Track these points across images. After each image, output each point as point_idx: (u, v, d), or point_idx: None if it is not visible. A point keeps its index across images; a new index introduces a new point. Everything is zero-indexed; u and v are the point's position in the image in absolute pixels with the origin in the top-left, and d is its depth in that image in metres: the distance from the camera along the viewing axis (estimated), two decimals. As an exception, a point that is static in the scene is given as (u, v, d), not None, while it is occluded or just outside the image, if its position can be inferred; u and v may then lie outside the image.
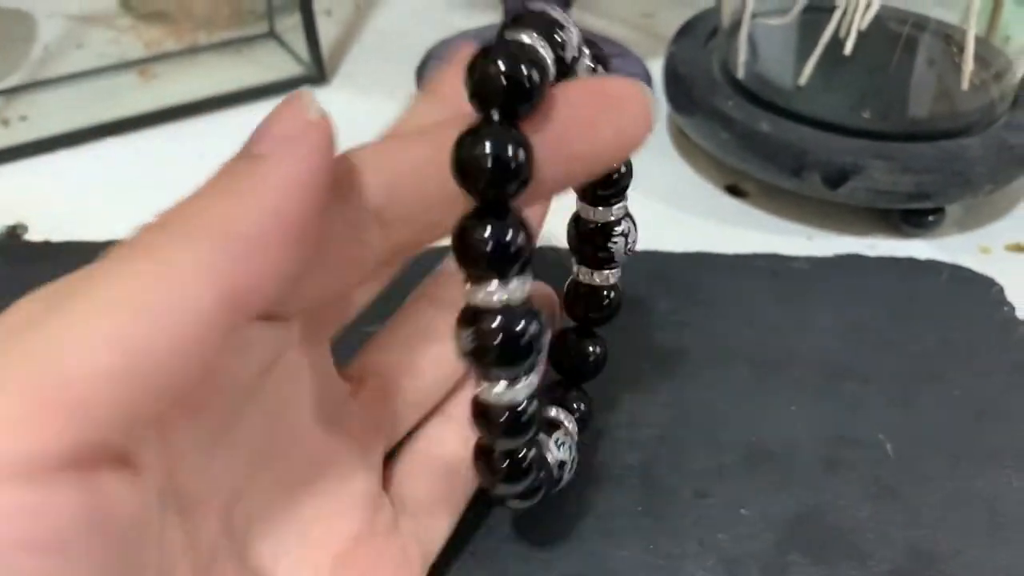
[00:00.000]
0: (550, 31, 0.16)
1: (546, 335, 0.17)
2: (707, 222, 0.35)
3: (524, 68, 0.15)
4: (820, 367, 0.28)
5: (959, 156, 0.32)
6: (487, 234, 0.16)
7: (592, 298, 0.22)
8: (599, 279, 0.22)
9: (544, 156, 0.16)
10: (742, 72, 0.36)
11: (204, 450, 0.16)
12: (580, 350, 0.23)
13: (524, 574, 0.22)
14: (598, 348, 0.23)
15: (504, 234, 0.16)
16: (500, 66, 0.15)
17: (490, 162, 0.15)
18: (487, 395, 0.17)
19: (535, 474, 0.19)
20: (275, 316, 0.17)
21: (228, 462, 0.17)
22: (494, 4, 0.41)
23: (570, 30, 0.17)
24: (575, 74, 0.17)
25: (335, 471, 0.19)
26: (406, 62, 0.43)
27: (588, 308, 0.22)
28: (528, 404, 0.18)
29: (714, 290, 0.30)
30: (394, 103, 0.19)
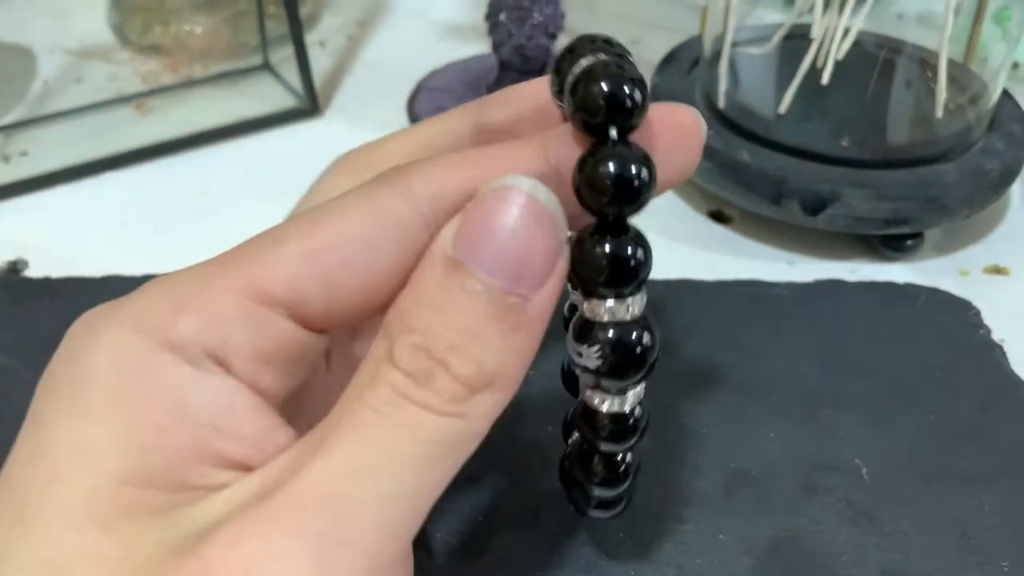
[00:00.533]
0: (620, 53, 0.17)
1: (657, 347, 0.17)
2: (691, 248, 0.35)
3: (629, 87, 0.16)
4: (799, 393, 0.28)
5: (935, 182, 0.33)
6: (608, 250, 0.16)
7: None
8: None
9: None
10: (723, 102, 0.36)
11: None
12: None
13: (507, 601, 0.22)
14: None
15: (624, 250, 0.16)
16: (605, 86, 0.15)
17: (616, 180, 0.15)
18: (595, 402, 0.18)
19: (630, 480, 0.20)
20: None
21: None
22: (483, 35, 0.42)
23: (629, 54, 0.17)
24: None
25: None
26: (398, 93, 0.44)
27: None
28: (634, 412, 0.18)
29: (696, 316, 0.31)
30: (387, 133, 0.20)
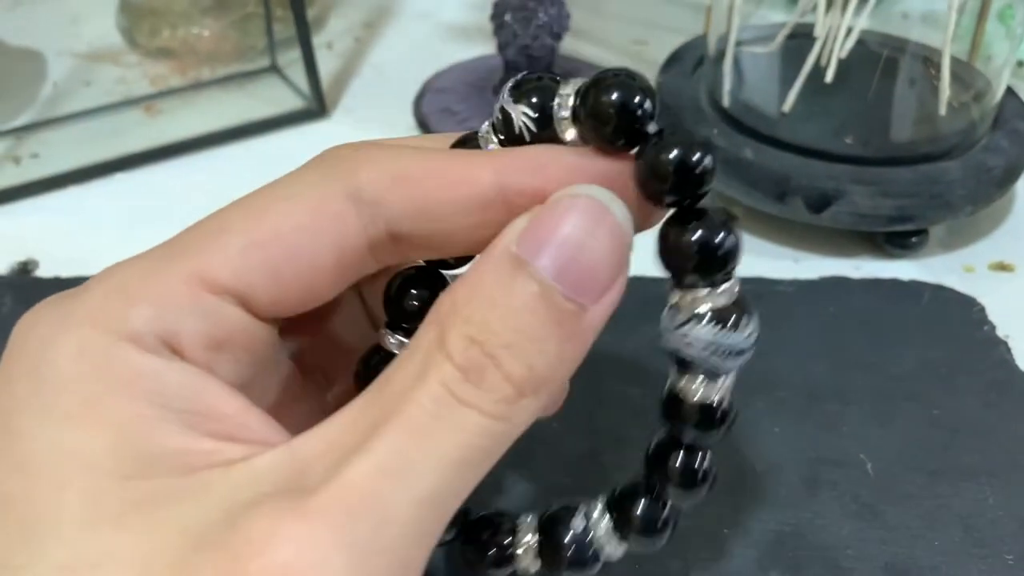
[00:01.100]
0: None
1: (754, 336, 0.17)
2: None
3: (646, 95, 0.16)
4: (803, 388, 0.28)
5: (939, 179, 0.33)
6: (695, 237, 0.16)
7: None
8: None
9: None
10: (727, 100, 0.37)
11: None
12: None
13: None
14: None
15: (712, 235, 0.16)
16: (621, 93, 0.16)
17: (678, 164, 0.15)
18: (683, 389, 0.18)
19: (709, 483, 0.19)
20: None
21: None
22: (488, 36, 0.42)
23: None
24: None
25: None
26: (404, 94, 0.44)
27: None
28: (721, 402, 0.18)
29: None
30: (394, 134, 0.20)
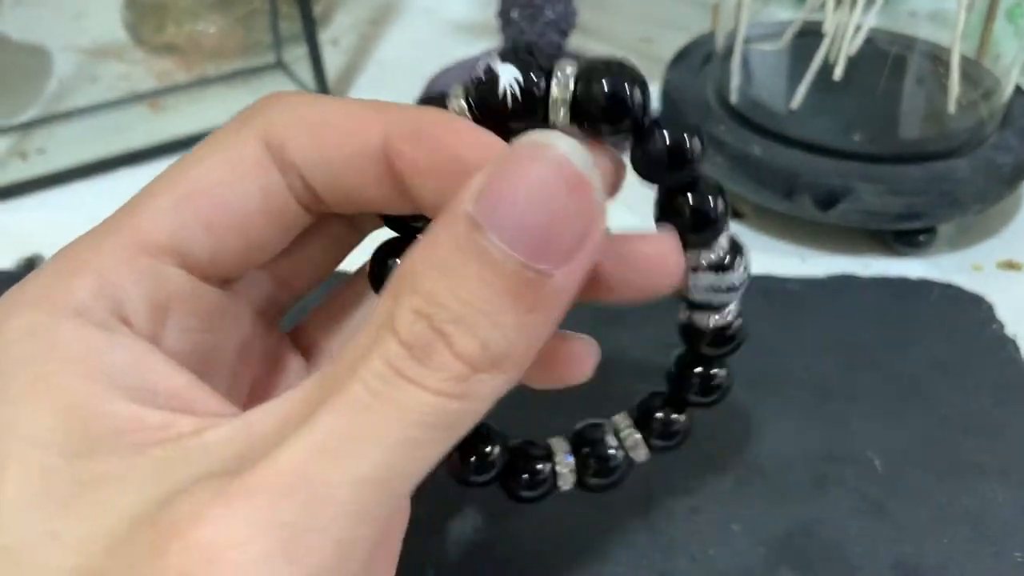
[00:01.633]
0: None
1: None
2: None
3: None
4: (812, 386, 0.28)
5: (947, 177, 0.33)
6: (691, 204, 0.18)
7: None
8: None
9: None
10: (735, 97, 0.36)
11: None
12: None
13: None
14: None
15: (704, 202, 0.18)
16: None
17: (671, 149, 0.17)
18: (695, 320, 0.20)
19: (722, 394, 0.21)
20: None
21: None
22: (494, 33, 0.42)
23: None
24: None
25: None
26: (410, 90, 0.44)
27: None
28: (730, 325, 0.20)
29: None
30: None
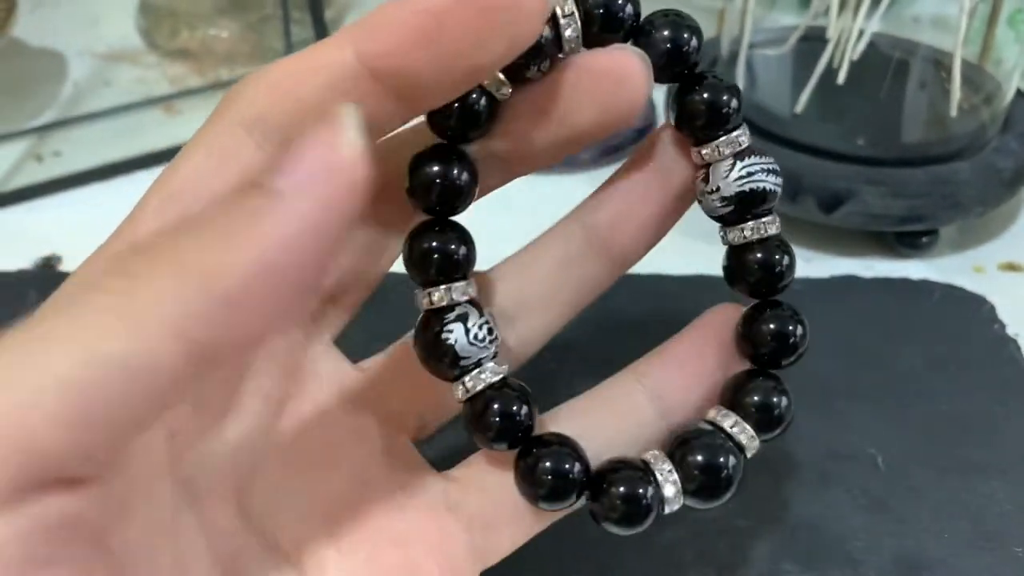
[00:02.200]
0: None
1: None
2: (708, 245, 0.35)
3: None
4: (815, 385, 0.29)
5: (949, 180, 0.33)
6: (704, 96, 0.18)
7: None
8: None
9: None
10: (740, 101, 0.37)
11: (205, 441, 0.17)
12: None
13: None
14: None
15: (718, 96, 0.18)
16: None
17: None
18: (734, 238, 0.21)
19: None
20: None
21: (231, 450, 0.18)
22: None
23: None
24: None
25: (349, 456, 0.19)
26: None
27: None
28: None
29: (713, 312, 0.31)
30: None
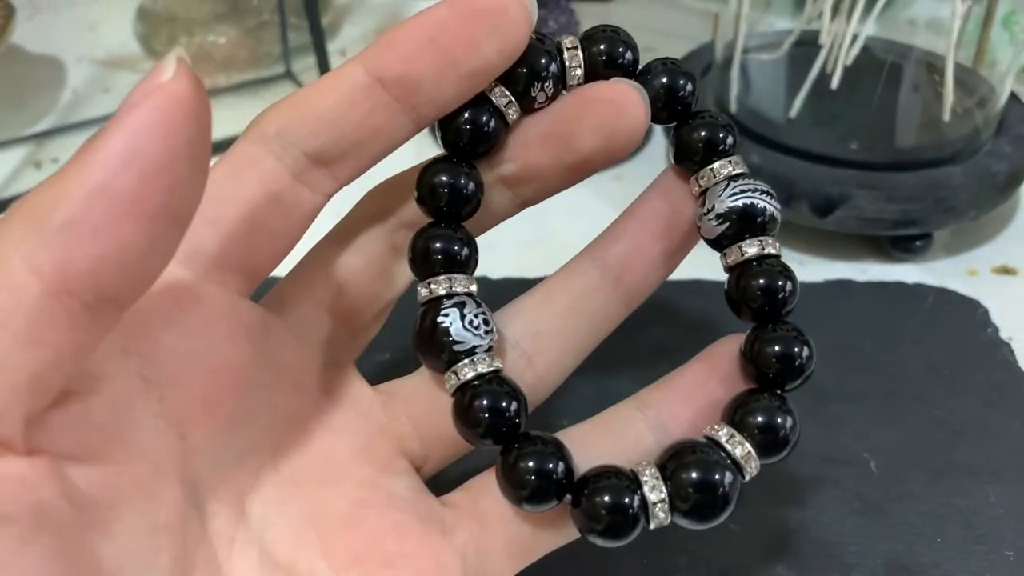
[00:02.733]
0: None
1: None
2: (703, 249, 0.36)
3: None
4: (809, 388, 0.29)
5: (942, 184, 0.33)
6: (702, 134, 0.21)
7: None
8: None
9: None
10: (735, 106, 0.37)
11: (214, 447, 0.18)
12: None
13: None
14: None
15: (714, 130, 0.21)
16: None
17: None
18: (732, 254, 0.22)
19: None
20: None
21: (237, 457, 0.18)
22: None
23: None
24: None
25: (351, 475, 0.20)
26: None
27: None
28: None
29: (706, 316, 0.32)
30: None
